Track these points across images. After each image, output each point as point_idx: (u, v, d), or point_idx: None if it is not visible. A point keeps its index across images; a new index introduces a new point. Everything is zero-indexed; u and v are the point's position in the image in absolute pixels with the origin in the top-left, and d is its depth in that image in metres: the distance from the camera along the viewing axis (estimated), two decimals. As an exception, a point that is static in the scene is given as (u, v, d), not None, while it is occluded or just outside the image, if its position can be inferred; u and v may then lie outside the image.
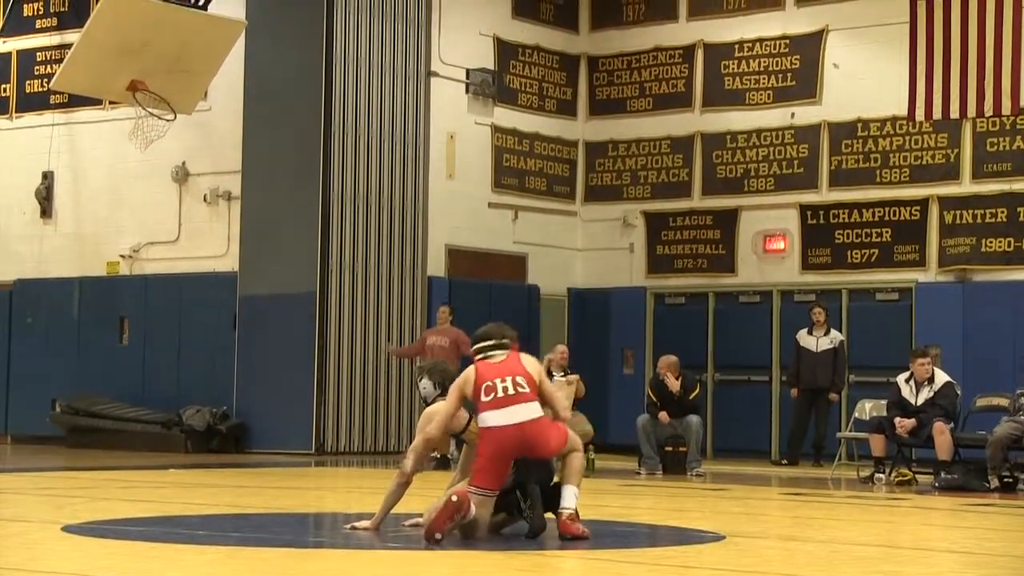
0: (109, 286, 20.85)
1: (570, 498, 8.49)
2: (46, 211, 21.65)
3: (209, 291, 19.83)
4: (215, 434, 19.00)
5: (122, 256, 20.89)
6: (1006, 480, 14.57)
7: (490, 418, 8.45)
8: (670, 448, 16.21)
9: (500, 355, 8.72)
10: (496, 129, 21.15)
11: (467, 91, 20.69)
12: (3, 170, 22.00)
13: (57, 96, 21.32)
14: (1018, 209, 18.85)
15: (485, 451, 8.45)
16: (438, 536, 8.13)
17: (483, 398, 8.51)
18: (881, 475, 15.24)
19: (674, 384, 16.26)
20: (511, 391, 8.47)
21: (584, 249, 22.09)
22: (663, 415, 16.18)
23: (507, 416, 8.41)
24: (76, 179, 21.48)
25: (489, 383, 8.52)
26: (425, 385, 9.16)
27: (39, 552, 7.87)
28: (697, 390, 16.69)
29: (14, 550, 7.91)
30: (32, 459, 16.43)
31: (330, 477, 15.49)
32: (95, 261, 21.03)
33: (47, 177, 21.62)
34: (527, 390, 8.52)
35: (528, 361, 8.73)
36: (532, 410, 8.48)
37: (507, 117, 21.28)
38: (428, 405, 9.07)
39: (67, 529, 8.52)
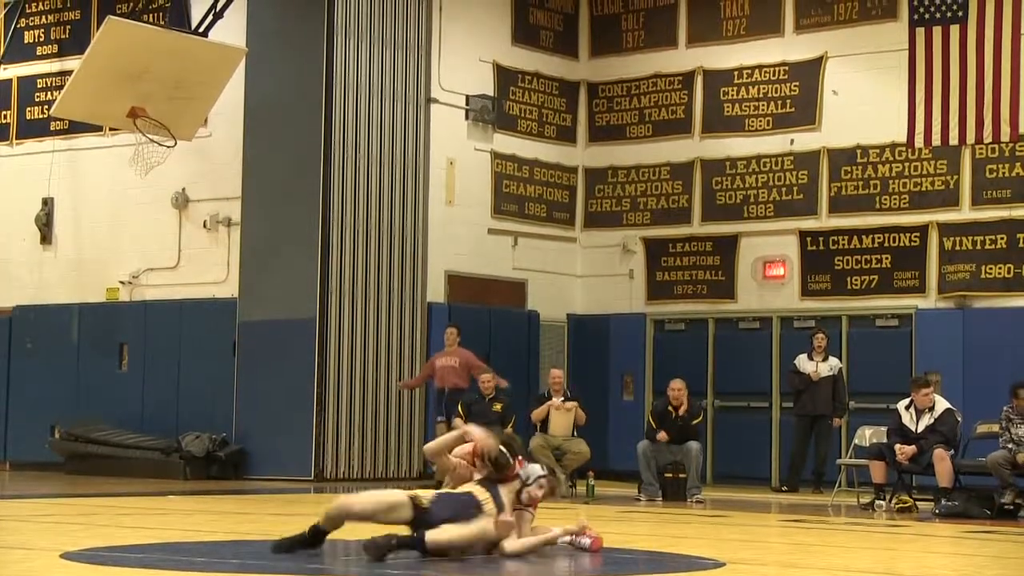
0: (109, 312, 20.85)
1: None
2: (46, 237, 21.66)
3: (209, 317, 19.83)
4: (214, 460, 18.97)
5: (122, 282, 20.90)
6: (1006, 508, 14.55)
7: None
8: (670, 474, 16.20)
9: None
10: (496, 155, 21.17)
11: (467, 117, 20.72)
12: (3, 196, 22.03)
13: (57, 123, 21.35)
14: (1018, 235, 18.86)
15: None
16: None
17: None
18: (881, 502, 15.22)
19: (683, 407, 16.26)
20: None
21: (584, 275, 22.09)
22: (662, 435, 16.17)
23: None
24: (76, 205, 21.50)
25: None
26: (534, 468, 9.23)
27: (37, 579, 7.85)
28: (700, 417, 16.69)
29: (12, 577, 7.89)
30: (31, 486, 16.41)
31: (328, 503, 15.46)
32: (95, 287, 21.03)
33: (47, 203, 21.65)
34: None
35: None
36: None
37: (507, 143, 21.30)
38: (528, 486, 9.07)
39: (66, 556, 8.50)
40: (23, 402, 21.23)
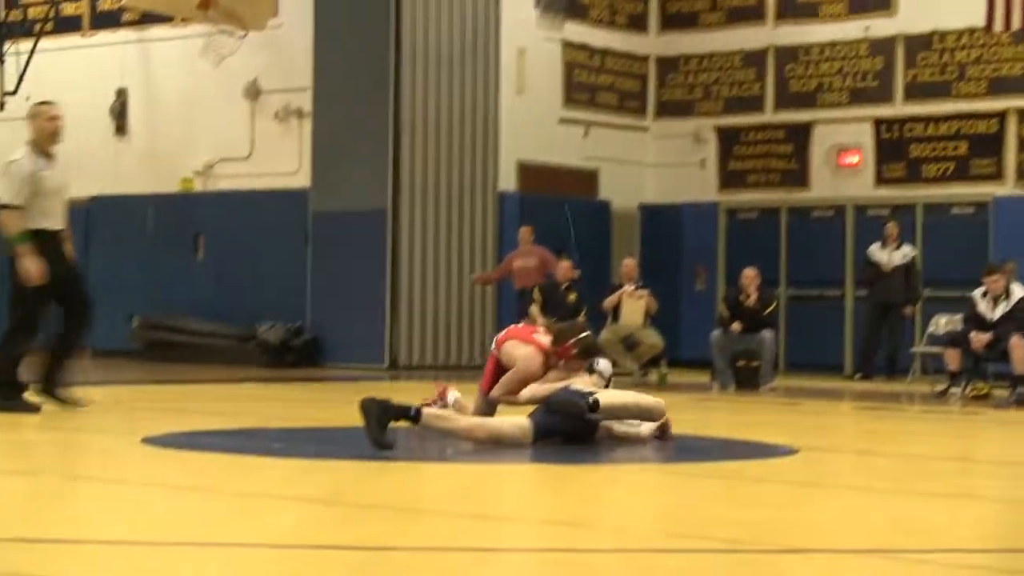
0: (184, 202, 21.01)
1: None
2: (121, 128, 21.79)
3: (282, 208, 19.93)
4: (290, 349, 19.17)
5: (196, 173, 21.03)
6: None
7: None
8: (743, 363, 16.19)
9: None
10: (567, 44, 21.01)
11: (537, 6, 20.54)
12: (78, 88, 22.10)
13: (129, 14, 21.40)
14: (1098, 121, 18.56)
15: None
16: None
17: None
18: (956, 389, 15.16)
19: (753, 297, 16.20)
20: None
21: (655, 164, 21.98)
22: (736, 325, 16.11)
23: None
24: (149, 96, 21.59)
25: None
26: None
27: (120, 463, 8.00)
28: (773, 306, 16.63)
29: (96, 462, 8.05)
30: (111, 373, 16.64)
31: (404, 392, 15.58)
32: (169, 178, 21.17)
33: (121, 94, 21.74)
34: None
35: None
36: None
37: (578, 32, 21.13)
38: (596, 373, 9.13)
39: (147, 441, 8.64)
40: (102, 291, 21.41)
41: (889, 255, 18.35)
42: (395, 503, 6.45)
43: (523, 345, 9.36)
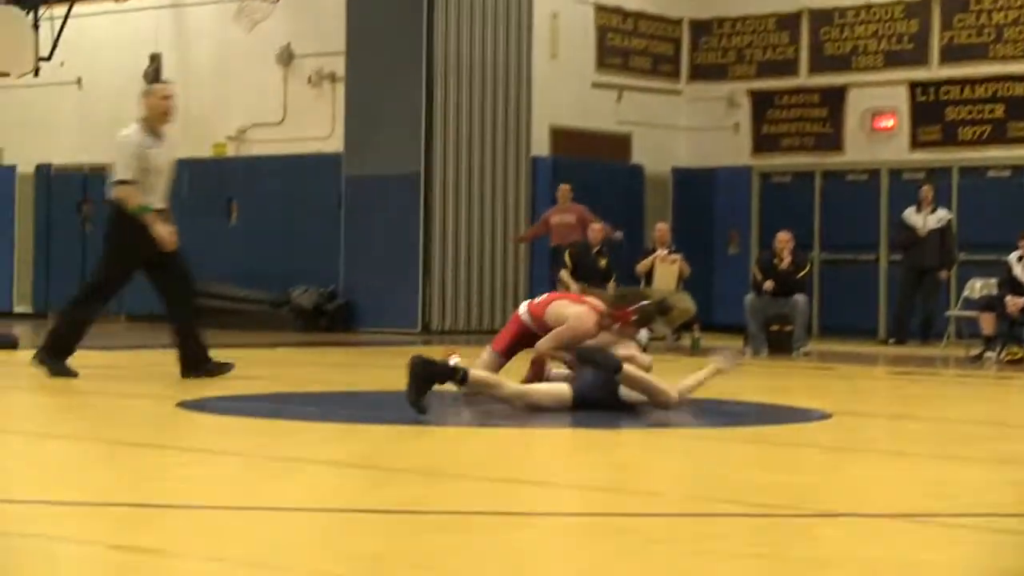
0: (217, 167, 21.05)
1: None
2: (154, 93, 21.78)
3: (315, 172, 19.96)
4: (322, 313, 19.23)
5: (229, 138, 21.06)
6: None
7: None
8: (776, 327, 16.14)
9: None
10: (599, 8, 20.94)
11: (570, -31, 20.47)
12: (112, 52, 22.17)
13: (163, -21, 21.41)
14: None
15: None
16: None
17: None
18: (991, 353, 15.09)
19: (786, 261, 16.12)
20: None
21: (688, 128, 21.90)
22: (768, 283, 16.00)
23: None
24: (183, 62, 21.61)
25: None
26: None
27: (156, 427, 8.05)
28: (807, 269, 16.55)
29: (132, 425, 8.10)
30: (146, 337, 16.73)
31: (436, 356, 15.63)
32: (202, 143, 21.20)
33: (155, 60, 21.76)
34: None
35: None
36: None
37: (611, -5, 21.06)
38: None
39: (182, 405, 8.69)
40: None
41: (924, 219, 18.26)
42: (429, 467, 6.47)
43: (575, 305, 9.34)
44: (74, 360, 10.47)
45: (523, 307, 9.63)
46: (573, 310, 9.22)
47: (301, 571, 4.19)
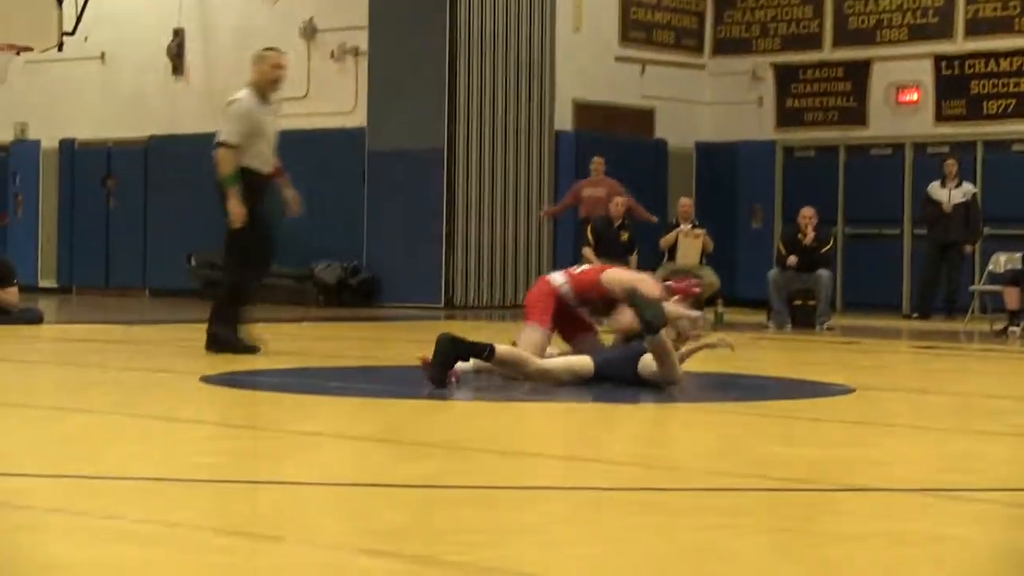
0: (240, 142, 21.01)
1: None
2: (177, 68, 21.84)
3: (338, 147, 19.95)
4: (346, 288, 19.25)
5: (252, 112, 21.02)
6: None
7: None
8: (799, 302, 16.10)
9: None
10: (623, -19, 20.87)
11: (594, -58, 20.39)
12: (135, 27, 22.18)
13: (185, -47, 21.39)
14: None
15: None
16: None
17: None
18: (1015, 328, 15.03)
19: (810, 236, 16.06)
20: None
21: (712, 103, 21.83)
22: (792, 258, 15.95)
23: None
24: (206, 37, 21.62)
25: None
26: None
27: (179, 401, 8.07)
28: (831, 244, 16.50)
29: (156, 399, 8.12)
30: (170, 312, 16.78)
31: (459, 330, 15.66)
32: (225, 117, 21.16)
33: (178, 35, 21.78)
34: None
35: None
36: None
37: (634, -32, 20.97)
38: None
39: (205, 379, 8.72)
40: (160, 231, 21.63)
41: (949, 193, 18.18)
42: (452, 441, 6.48)
43: (635, 272, 9.47)
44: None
45: (558, 278, 9.23)
46: (638, 275, 9.33)
47: (324, 545, 4.20)
